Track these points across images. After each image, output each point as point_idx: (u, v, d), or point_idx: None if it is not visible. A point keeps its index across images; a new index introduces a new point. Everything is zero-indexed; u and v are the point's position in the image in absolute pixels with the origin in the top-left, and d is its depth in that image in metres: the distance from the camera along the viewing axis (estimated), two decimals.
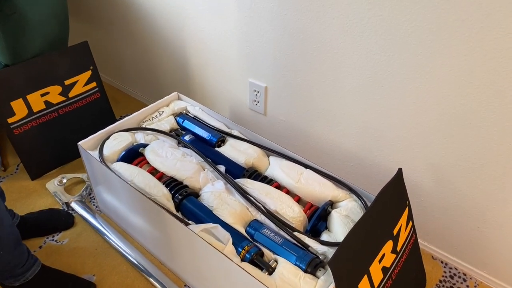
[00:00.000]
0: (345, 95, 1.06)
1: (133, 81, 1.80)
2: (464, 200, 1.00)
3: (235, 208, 0.93)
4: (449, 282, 1.07)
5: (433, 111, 0.93)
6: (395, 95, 0.97)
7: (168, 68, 1.56)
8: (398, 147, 1.04)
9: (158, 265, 1.10)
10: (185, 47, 1.42)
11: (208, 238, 0.86)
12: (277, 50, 1.13)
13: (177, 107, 1.27)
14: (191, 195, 1.00)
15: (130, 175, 1.01)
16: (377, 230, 0.84)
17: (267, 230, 0.89)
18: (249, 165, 1.08)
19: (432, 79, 0.89)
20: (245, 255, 0.85)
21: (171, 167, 1.03)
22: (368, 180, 1.16)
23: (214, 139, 1.15)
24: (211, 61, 1.37)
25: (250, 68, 1.25)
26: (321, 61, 1.05)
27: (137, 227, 1.12)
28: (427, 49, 0.86)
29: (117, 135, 1.12)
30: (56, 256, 1.12)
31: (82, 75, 1.37)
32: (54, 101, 1.33)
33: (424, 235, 1.14)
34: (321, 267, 0.82)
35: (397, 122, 1.00)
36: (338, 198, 0.96)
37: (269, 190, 0.98)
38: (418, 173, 1.04)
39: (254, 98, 1.30)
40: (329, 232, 0.91)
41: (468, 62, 0.82)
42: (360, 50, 0.96)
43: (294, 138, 1.29)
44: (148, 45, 1.56)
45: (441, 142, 0.96)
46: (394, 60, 0.92)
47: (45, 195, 1.31)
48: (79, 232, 1.19)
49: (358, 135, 1.11)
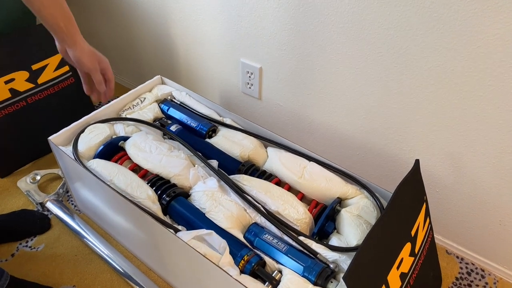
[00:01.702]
0: (352, 76, 0.94)
1: (113, 62, 1.63)
2: (485, 192, 0.90)
3: (231, 210, 0.81)
4: (466, 279, 0.98)
5: (455, 94, 0.81)
6: (410, 76, 0.85)
7: (149, 48, 1.41)
8: (412, 133, 0.93)
9: (146, 271, 0.99)
10: (167, 23, 1.27)
11: (200, 247, 0.74)
12: (273, 25, 0.99)
13: (161, 93, 1.13)
14: (180, 195, 0.87)
15: (109, 174, 0.88)
16: (395, 233, 0.74)
17: (269, 236, 0.78)
18: (245, 158, 0.95)
19: (456, 57, 0.77)
20: (245, 266, 0.74)
21: (156, 164, 0.90)
22: (377, 171, 1.05)
23: (204, 129, 1.02)
24: (198, 39, 1.22)
25: (242, 46, 1.10)
26: (324, 37, 0.92)
27: (121, 229, 1.00)
28: (450, 23, 0.73)
29: (93, 127, 0.99)
30: (31, 265, 1.00)
31: (52, 58, 1.22)
32: (21, 88, 1.17)
33: (438, 229, 1.04)
34: (332, 278, 0.72)
35: (411, 106, 0.88)
36: (348, 195, 0.85)
37: (269, 188, 0.86)
38: (434, 162, 0.93)
39: (247, 80, 1.16)
40: (339, 235, 0.81)
41: (503, 37, 0.70)
42: (371, 24, 0.83)
43: (293, 125, 1.16)
44: (126, 22, 1.40)
45: (463, 128, 0.84)
46: (411, 35, 0.79)
47: (17, 195, 1.17)
48: (56, 236, 1.07)
49: (366, 121, 0.99)
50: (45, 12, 0.73)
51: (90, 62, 0.83)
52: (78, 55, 0.81)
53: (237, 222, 0.80)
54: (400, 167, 1.00)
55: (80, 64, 0.83)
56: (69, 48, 0.80)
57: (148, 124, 1.03)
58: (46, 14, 0.74)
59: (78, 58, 0.81)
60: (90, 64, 0.83)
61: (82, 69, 0.86)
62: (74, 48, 0.80)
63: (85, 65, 0.83)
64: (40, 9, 0.73)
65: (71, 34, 0.78)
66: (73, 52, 0.81)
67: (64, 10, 0.76)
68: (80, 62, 0.82)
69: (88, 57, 0.83)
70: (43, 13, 0.74)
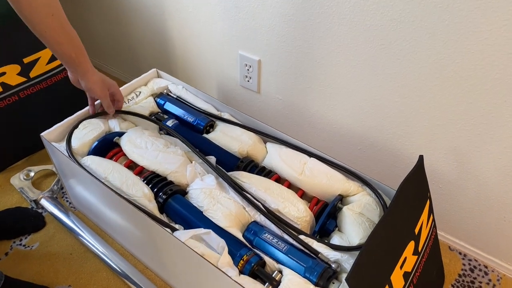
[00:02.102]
0: (353, 69, 0.91)
1: (107, 54, 1.60)
2: (490, 188, 0.88)
3: (229, 209, 0.79)
4: (469, 276, 0.97)
5: (460, 87, 0.78)
6: (414, 69, 0.82)
7: (145, 40, 1.37)
8: (415, 128, 0.90)
9: (143, 270, 0.97)
10: (164, 15, 1.23)
11: (198, 246, 0.72)
12: (272, 16, 0.96)
13: (157, 87, 1.10)
14: (177, 193, 0.85)
15: (103, 171, 0.85)
16: (398, 231, 0.71)
17: (269, 235, 0.75)
18: (244, 154, 0.93)
19: (462, 50, 0.74)
20: (244, 266, 0.72)
21: (152, 160, 0.88)
22: (379, 166, 1.03)
23: (201, 124, 0.99)
24: (195, 31, 1.18)
25: (241, 38, 1.07)
26: (325, 28, 0.89)
27: (117, 227, 0.97)
28: (456, 13, 0.70)
29: (87, 123, 0.95)
30: (25, 264, 0.98)
31: (44, 51, 1.18)
32: (13, 82, 1.14)
33: (440, 225, 1.02)
34: (334, 279, 0.70)
35: (415, 100, 0.86)
36: (349, 192, 0.83)
37: (268, 185, 0.84)
38: (437, 157, 0.91)
39: (246, 73, 1.13)
40: (341, 233, 0.78)
41: (511, 28, 0.67)
42: (373, 15, 0.80)
43: (292, 119, 1.13)
44: (120, 12, 1.36)
45: (468, 123, 0.82)
46: (415, 27, 0.76)
47: (10, 192, 1.14)
48: (51, 234, 1.05)
49: (368, 115, 0.96)
50: (59, 48, 0.78)
51: (100, 91, 0.89)
52: (89, 86, 0.86)
53: (236, 221, 0.78)
54: (403, 162, 0.98)
55: (91, 93, 0.89)
56: (81, 79, 0.85)
57: (144, 117, 1.00)
58: (61, 48, 0.78)
59: (89, 88, 0.87)
60: (100, 92, 0.89)
61: (93, 97, 0.92)
62: (85, 79, 0.85)
63: (96, 94, 0.89)
64: (55, 47, 0.77)
65: (82, 65, 0.83)
66: (85, 83, 0.86)
67: (75, 42, 0.80)
68: (91, 91, 0.88)
69: (99, 86, 0.88)
70: (57, 48, 0.78)
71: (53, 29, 0.74)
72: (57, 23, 0.74)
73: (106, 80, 0.91)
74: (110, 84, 0.92)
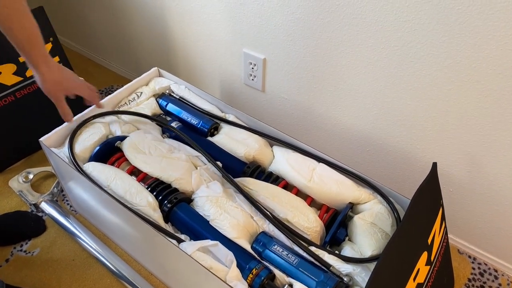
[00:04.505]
0: (364, 70, 0.87)
1: (107, 50, 1.55)
2: (503, 194, 0.85)
3: (237, 218, 0.76)
4: (479, 280, 0.95)
5: (476, 92, 0.75)
6: (428, 72, 0.78)
7: (145, 38, 1.32)
8: (427, 132, 0.87)
9: (148, 276, 0.95)
10: (163, 10, 1.18)
11: (206, 259, 0.70)
12: (279, 13, 0.92)
13: (159, 86, 1.06)
14: (182, 201, 0.82)
15: (106, 179, 0.82)
16: (412, 244, 0.69)
17: (279, 247, 0.73)
18: (250, 159, 0.90)
19: (480, 54, 0.70)
20: (254, 280, 0.70)
21: (155, 167, 0.85)
22: (388, 169, 1.00)
23: (206, 126, 0.96)
24: (198, 29, 1.14)
25: (245, 36, 1.03)
26: (334, 27, 0.85)
27: (120, 232, 0.95)
28: (475, 16, 0.67)
29: (87, 127, 0.92)
30: (27, 271, 0.96)
31: None
32: (9, 82, 1.10)
33: (449, 228, 1.01)
34: None
35: (428, 103, 0.83)
36: (360, 199, 0.81)
37: (276, 193, 0.81)
38: (450, 162, 0.88)
39: (250, 72, 1.09)
40: (352, 243, 0.76)
41: None
42: (387, 15, 0.76)
43: (298, 118, 1.10)
44: (120, 8, 1.31)
45: (483, 128, 0.79)
46: (431, 29, 0.73)
47: (9, 195, 1.11)
48: (52, 239, 1.02)
49: (378, 117, 0.93)
50: (11, 32, 0.70)
51: (53, 91, 0.80)
52: (39, 82, 0.78)
53: (244, 231, 0.76)
54: (413, 165, 0.95)
55: (43, 91, 0.80)
56: (34, 75, 0.78)
57: (147, 117, 0.96)
58: (12, 34, 0.70)
59: (40, 85, 0.79)
60: (52, 93, 0.80)
61: (58, 99, 0.82)
62: (35, 74, 0.78)
63: (47, 93, 0.80)
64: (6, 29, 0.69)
65: (33, 59, 0.75)
66: (36, 77, 0.78)
67: (32, 35, 0.72)
68: (42, 89, 0.79)
69: (52, 86, 0.79)
70: (9, 33, 0.70)
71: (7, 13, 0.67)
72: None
73: (67, 81, 0.81)
74: (72, 86, 0.83)
